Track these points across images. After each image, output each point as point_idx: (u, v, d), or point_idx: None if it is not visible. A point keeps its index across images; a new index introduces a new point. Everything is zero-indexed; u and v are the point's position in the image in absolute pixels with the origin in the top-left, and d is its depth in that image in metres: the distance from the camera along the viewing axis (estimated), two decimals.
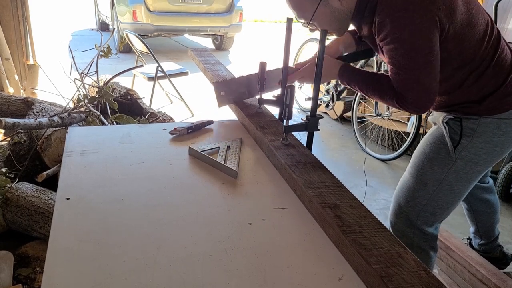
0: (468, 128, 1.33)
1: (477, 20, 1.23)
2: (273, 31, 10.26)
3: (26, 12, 3.79)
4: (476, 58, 1.25)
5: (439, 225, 1.52)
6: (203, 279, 0.74)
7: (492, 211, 1.82)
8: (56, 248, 0.79)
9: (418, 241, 1.50)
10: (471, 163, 1.35)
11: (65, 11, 10.85)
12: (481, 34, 1.23)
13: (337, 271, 0.78)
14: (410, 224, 1.48)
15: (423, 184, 1.42)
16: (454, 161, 1.36)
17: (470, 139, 1.33)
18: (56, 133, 2.08)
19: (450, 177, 1.38)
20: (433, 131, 1.44)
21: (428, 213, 1.44)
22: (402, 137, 3.42)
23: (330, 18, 1.29)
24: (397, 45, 1.18)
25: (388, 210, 1.61)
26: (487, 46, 1.25)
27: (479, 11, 1.25)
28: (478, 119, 1.31)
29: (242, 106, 1.47)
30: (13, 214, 1.80)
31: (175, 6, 6.59)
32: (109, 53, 2.38)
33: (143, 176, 1.07)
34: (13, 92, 3.50)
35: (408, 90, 1.22)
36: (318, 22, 1.32)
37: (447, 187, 1.39)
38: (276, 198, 1.01)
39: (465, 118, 1.33)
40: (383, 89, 1.29)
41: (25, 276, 1.68)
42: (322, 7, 1.25)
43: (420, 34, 1.15)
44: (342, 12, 1.28)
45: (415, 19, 1.14)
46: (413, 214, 1.46)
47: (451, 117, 1.35)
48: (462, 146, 1.34)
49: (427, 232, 1.48)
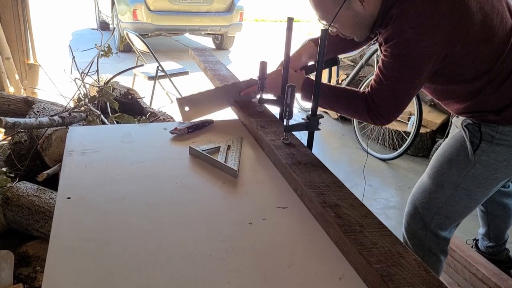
0: (487, 134, 1.30)
1: (497, 33, 1.19)
2: (274, 30, 10.25)
3: (26, 12, 3.79)
4: (492, 71, 1.23)
5: (454, 229, 1.49)
6: (204, 278, 0.74)
7: (508, 216, 1.79)
8: (57, 247, 0.79)
9: (429, 244, 1.47)
10: (490, 169, 1.32)
11: (66, 10, 10.84)
12: (500, 48, 1.21)
13: (337, 271, 0.78)
14: (424, 226, 1.46)
15: (440, 185, 1.40)
16: (473, 164, 1.32)
17: (490, 145, 1.30)
18: (57, 133, 2.08)
19: (467, 180, 1.35)
20: (455, 134, 1.42)
21: (443, 216, 1.42)
22: (402, 136, 3.42)
23: (352, 21, 1.27)
24: (395, 57, 1.20)
25: (389, 210, 1.61)
26: (507, 57, 1.22)
27: (502, 21, 1.20)
28: (497, 127, 1.28)
29: (243, 106, 1.47)
30: (13, 213, 1.80)
31: (176, 6, 6.58)
32: (109, 52, 2.38)
33: (143, 176, 1.07)
34: (14, 91, 3.50)
35: (383, 100, 1.24)
36: (340, 25, 1.30)
37: (464, 191, 1.36)
38: (276, 198, 1.01)
39: (483, 124, 1.31)
40: (353, 100, 1.30)
41: (26, 275, 1.68)
42: (344, 10, 1.23)
43: (419, 57, 1.17)
44: (364, 17, 1.26)
45: (421, 41, 1.15)
46: (428, 216, 1.44)
47: (470, 122, 1.33)
48: (481, 149, 1.31)
49: (440, 236, 1.46)
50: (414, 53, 1.17)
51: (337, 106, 1.35)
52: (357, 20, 1.27)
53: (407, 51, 1.17)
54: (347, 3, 1.22)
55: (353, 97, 1.31)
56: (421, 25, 1.14)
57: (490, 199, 1.76)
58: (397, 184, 3.04)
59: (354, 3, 1.23)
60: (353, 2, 1.22)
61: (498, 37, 1.20)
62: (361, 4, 1.23)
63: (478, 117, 1.32)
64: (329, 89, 1.35)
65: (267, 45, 8.30)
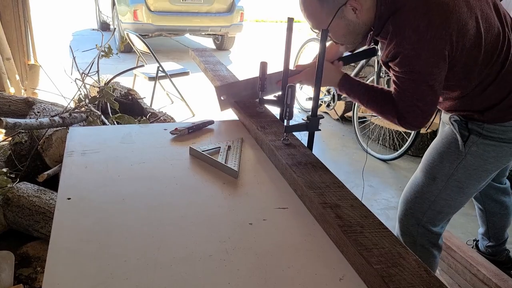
0: (474, 130, 1.34)
1: (487, 37, 1.21)
2: (274, 31, 10.26)
3: (27, 12, 3.79)
4: (481, 74, 1.25)
5: (445, 225, 1.52)
6: (204, 279, 0.74)
7: (506, 213, 1.81)
8: (57, 248, 0.79)
9: (421, 240, 1.49)
10: (480, 160, 1.35)
11: (66, 11, 10.85)
12: (489, 52, 1.22)
13: (338, 271, 0.78)
14: (416, 222, 1.48)
15: (432, 178, 1.42)
16: (464, 156, 1.36)
17: (479, 137, 1.33)
18: (57, 133, 2.08)
19: (459, 172, 1.38)
20: (445, 129, 1.45)
21: (435, 211, 1.44)
22: (403, 137, 3.42)
23: (345, 30, 1.29)
24: (404, 73, 1.21)
25: (389, 210, 1.61)
26: (496, 61, 1.24)
27: (491, 25, 1.22)
28: (482, 124, 1.32)
29: (243, 106, 1.47)
30: (14, 214, 1.80)
31: (176, 6, 6.59)
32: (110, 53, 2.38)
33: (144, 176, 1.07)
34: (14, 92, 3.50)
35: (408, 111, 1.26)
36: (333, 33, 1.31)
37: (456, 183, 1.39)
38: (277, 198, 1.01)
39: (470, 122, 1.34)
40: (385, 105, 1.32)
41: (26, 276, 1.68)
42: (338, 19, 1.24)
43: (427, 68, 1.18)
44: (357, 25, 1.27)
45: (423, 55, 1.16)
46: (420, 212, 1.46)
47: (458, 119, 1.36)
48: (471, 141, 1.34)
49: (432, 231, 1.48)
50: (420, 66, 1.18)
51: (370, 108, 1.38)
52: (350, 28, 1.28)
53: (413, 66, 1.19)
54: (340, 12, 1.23)
55: (386, 104, 1.32)
56: (418, 41, 1.15)
57: (487, 197, 1.77)
58: (397, 185, 3.04)
59: (347, 12, 1.23)
60: (346, 11, 1.23)
61: (488, 42, 1.21)
62: (354, 13, 1.23)
63: (464, 116, 1.35)
64: (365, 88, 1.37)
65: (268, 46, 8.30)
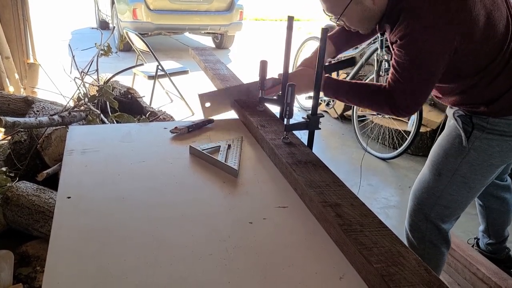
0: (478, 124, 1.34)
1: (497, 30, 1.20)
2: (274, 29, 10.25)
3: (26, 11, 3.79)
4: (490, 66, 1.25)
5: (454, 222, 1.52)
6: (204, 278, 0.74)
7: (505, 210, 1.81)
8: (57, 247, 0.79)
9: (430, 236, 1.50)
10: (484, 155, 1.35)
11: (65, 9, 10.83)
12: (498, 44, 1.22)
13: (338, 270, 0.78)
14: (424, 217, 1.49)
15: (437, 174, 1.44)
16: (468, 151, 1.36)
17: (482, 132, 1.33)
18: (57, 132, 2.08)
19: (463, 167, 1.38)
20: (449, 125, 1.46)
21: (442, 206, 1.45)
22: (402, 135, 3.42)
23: (360, 15, 1.28)
24: (408, 56, 1.21)
25: (389, 209, 1.62)
26: (505, 53, 1.24)
27: (501, 17, 1.21)
28: (487, 118, 1.31)
29: (243, 105, 1.47)
30: (13, 213, 1.80)
31: (175, 5, 6.58)
32: (109, 51, 2.38)
33: (143, 175, 1.07)
34: (13, 91, 3.50)
35: (402, 98, 1.26)
36: (347, 18, 1.30)
37: (460, 178, 1.39)
38: (277, 197, 1.01)
39: (474, 116, 1.34)
40: (374, 95, 1.32)
41: (26, 275, 1.68)
42: (354, 4, 1.24)
43: (432, 56, 1.18)
44: (372, 11, 1.26)
45: (433, 40, 1.16)
46: (428, 207, 1.47)
47: (462, 113, 1.37)
48: (475, 136, 1.34)
49: (440, 227, 1.49)
50: (426, 52, 1.18)
51: (359, 103, 1.38)
52: (366, 14, 1.27)
53: (419, 51, 1.18)
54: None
55: (374, 93, 1.32)
56: (433, 24, 1.14)
57: (487, 193, 1.77)
58: (397, 184, 3.04)
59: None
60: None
61: (499, 33, 1.21)
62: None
63: (469, 109, 1.35)
64: (350, 86, 1.37)
65: (267, 44, 8.29)
